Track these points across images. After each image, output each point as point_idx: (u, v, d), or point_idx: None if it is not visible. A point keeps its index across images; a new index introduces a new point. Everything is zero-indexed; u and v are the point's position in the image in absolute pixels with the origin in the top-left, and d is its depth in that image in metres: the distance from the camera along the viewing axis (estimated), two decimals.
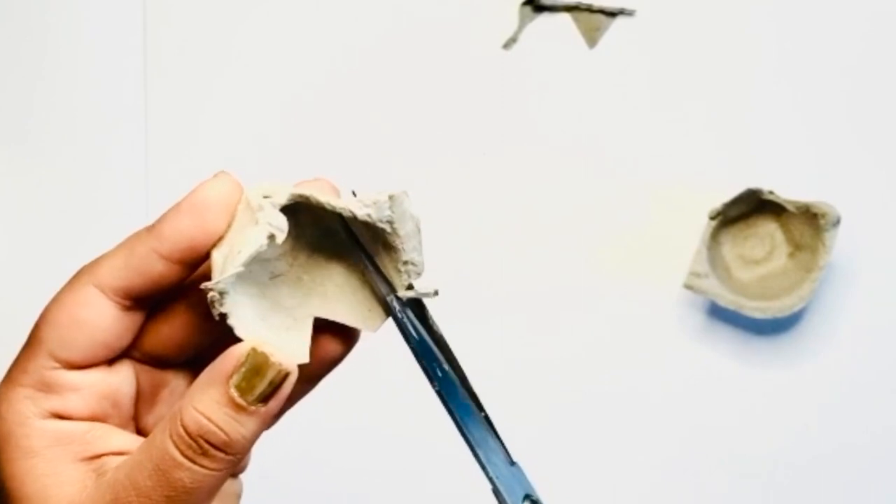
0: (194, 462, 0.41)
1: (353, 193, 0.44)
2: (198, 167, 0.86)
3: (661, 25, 0.85)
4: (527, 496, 0.43)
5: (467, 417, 0.44)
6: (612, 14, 0.85)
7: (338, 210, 0.43)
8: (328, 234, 0.44)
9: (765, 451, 0.83)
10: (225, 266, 0.42)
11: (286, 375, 0.41)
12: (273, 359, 0.41)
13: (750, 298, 0.81)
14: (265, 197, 0.43)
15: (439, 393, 0.44)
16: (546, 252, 0.84)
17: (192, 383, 0.42)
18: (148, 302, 0.44)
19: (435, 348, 0.44)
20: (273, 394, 0.41)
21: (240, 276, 0.42)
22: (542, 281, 0.84)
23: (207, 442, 0.41)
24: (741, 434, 0.83)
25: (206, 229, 0.43)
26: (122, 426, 0.45)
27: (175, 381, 0.46)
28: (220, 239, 0.43)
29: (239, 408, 0.41)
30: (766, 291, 0.81)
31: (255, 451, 0.43)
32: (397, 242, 0.43)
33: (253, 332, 0.42)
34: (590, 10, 0.85)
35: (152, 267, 0.42)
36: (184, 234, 0.42)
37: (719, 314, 0.83)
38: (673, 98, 0.84)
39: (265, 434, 0.42)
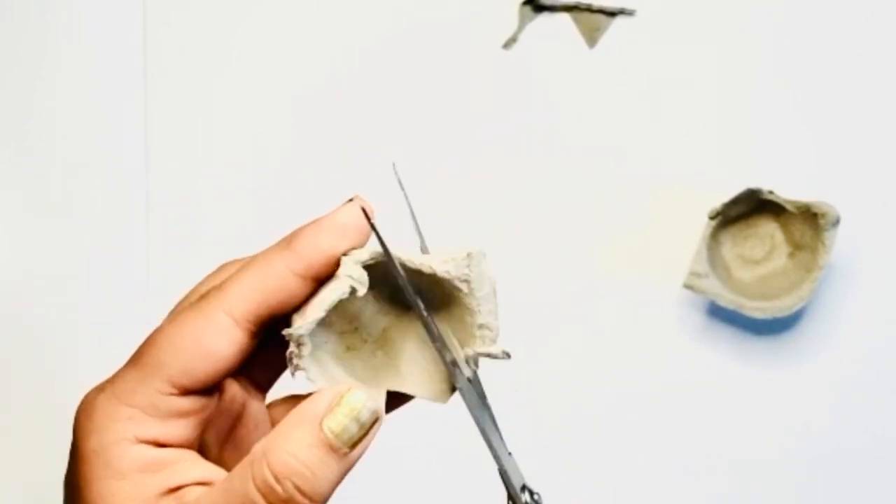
0: None
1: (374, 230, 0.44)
2: (198, 167, 0.86)
3: (661, 25, 0.85)
4: (523, 486, 0.44)
5: (479, 407, 0.44)
6: (611, 14, 0.85)
7: (416, 267, 0.43)
8: (398, 293, 0.44)
9: (765, 450, 0.83)
10: (304, 317, 0.42)
11: (376, 420, 0.41)
12: (369, 401, 0.41)
13: (750, 298, 0.81)
14: (344, 254, 0.43)
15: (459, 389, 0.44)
16: (546, 252, 0.84)
17: (277, 425, 0.41)
18: (268, 327, 0.44)
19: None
20: (362, 439, 0.41)
21: (317, 345, 0.42)
22: (542, 281, 0.84)
23: (294, 486, 0.40)
24: (741, 434, 0.83)
25: (347, 243, 0.43)
26: (209, 448, 0.45)
27: (251, 407, 0.46)
28: (304, 304, 0.43)
29: (331, 449, 0.40)
30: (766, 291, 0.81)
31: None
32: (473, 304, 0.44)
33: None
34: (590, 10, 0.85)
35: (287, 287, 0.42)
36: (323, 251, 0.43)
37: (719, 314, 0.83)
38: (673, 98, 0.84)
39: None
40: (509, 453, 0.44)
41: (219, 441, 0.45)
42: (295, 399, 0.45)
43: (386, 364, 0.45)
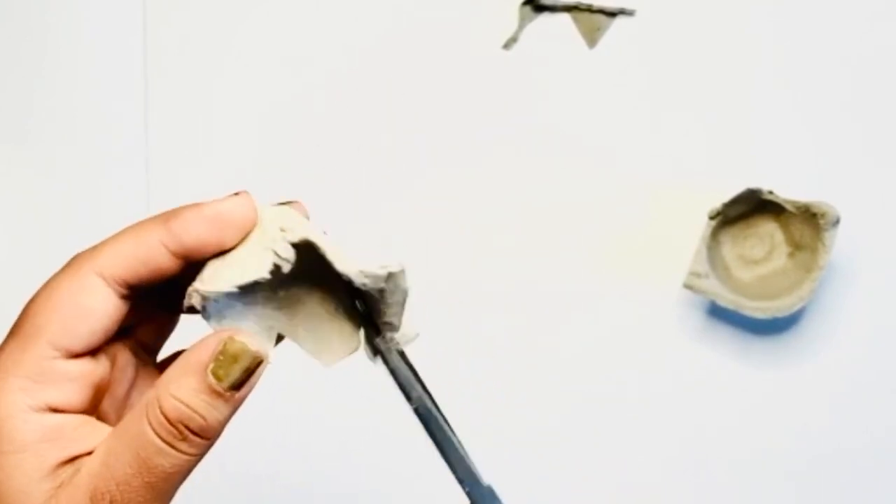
0: (174, 447, 0.42)
1: (325, 232, 0.46)
2: (198, 167, 0.86)
3: (660, 26, 0.85)
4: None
5: (445, 441, 0.45)
6: (612, 14, 0.85)
7: (339, 272, 0.44)
8: (319, 262, 0.45)
9: (764, 450, 0.83)
10: (217, 274, 0.44)
11: (260, 362, 0.43)
12: (249, 346, 0.42)
13: (750, 298, 0.81)
14: (282, 230, 0.45)
15: (419, 414, 0.45)
16: (546, 252, 0.84)
17: (166, 371, 0.43)
18: (139, 292, 0.45)
19: (412, 378, 0.46)
20: (246, 380, 0.43)
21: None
22: (542, 281, 0.84)
23: (187, 428, 0.42)
24: (741, 434, 0.83)
25: (220, 242, 0.44)
26: (102, 416, 0.45)
27: (122, 357, 0.47)
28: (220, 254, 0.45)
29: (216, 394, 0.42)
30: (766, 291, 0.81)
31: (257, 450, 0.43)
32: (382, 307, 0.45)
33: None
34: (590, 10, 0.85)
35: (159, 259, 0.44)
36: (199, 239, 0.44)
37: (719, 314, 0.83)
38: (673, 98, 0.85)
39: (265, 432, 0.43)
40: (484, 484, 0.45)
41: (116, 408, 0.47)
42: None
43: (283, 307, 0.46)
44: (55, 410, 0.43)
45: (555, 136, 0.85)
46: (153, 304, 0.47)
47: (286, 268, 0.44)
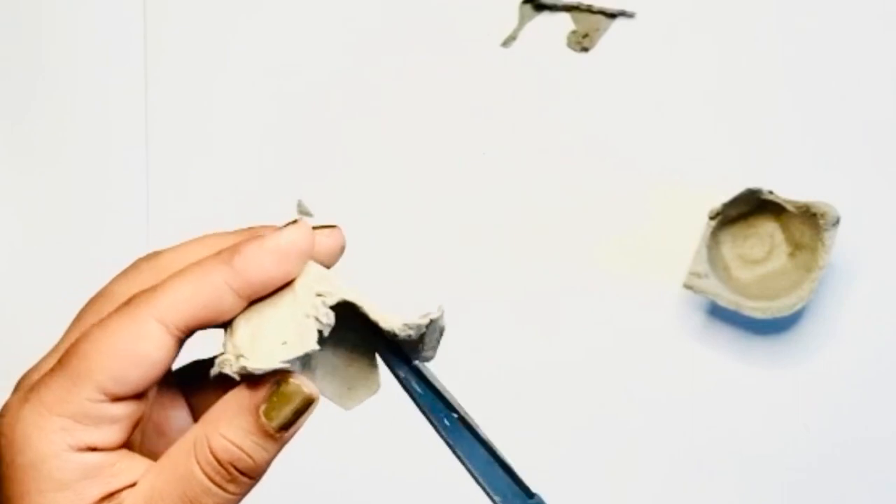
0: (222, 488, 0.42)
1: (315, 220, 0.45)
2: (198, 167, 0.86)
3: (660, 27, 0.85)
4: None
5: (476, 458, 0.45)
6: (612, 15, 0.85)
7: (384, 329, 0.44)
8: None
9: (764, 450, 0.83)
10: (257, 343, 0.42)
11: (311, 402, 0.42)
12: (303, 387, 0.42)
13: (750, 298, 0.80)
14: (318, 295, 0.43)
15: (447, 441, 0.45)
16: (545, 252, 0.84)
17: (213, 409, 0.42)
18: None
19: (439, 400, 0.46)
20: (296, 420, 0.42)
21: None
22: (542, 281, 0.84)
23: (236, 468, 0.42)
24: (741, 434, 0.83)
25: (286, 276, 0.43)
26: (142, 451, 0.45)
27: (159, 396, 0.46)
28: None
29: (267, 435, 0.42)
30: (766, 291, 0.81)
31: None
32: (420, 346, 0.45)
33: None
34: (590, 10, 0.85)
35: (223, 301, 0.42)
36: (266, 275, 0.43)
37: (719, 314, 0.83)
38: (673, 98, 0.84)
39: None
40: (532, 496, 0.45)
41: (141, 428, 0.46)
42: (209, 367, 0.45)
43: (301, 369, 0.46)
44: (95, 450, 0.42)
45: (554, 135, 0.85)
46: None
47: (326, 332, 0.43)
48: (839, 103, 0.84)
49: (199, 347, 0.45)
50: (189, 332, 0.43)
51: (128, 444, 0.44)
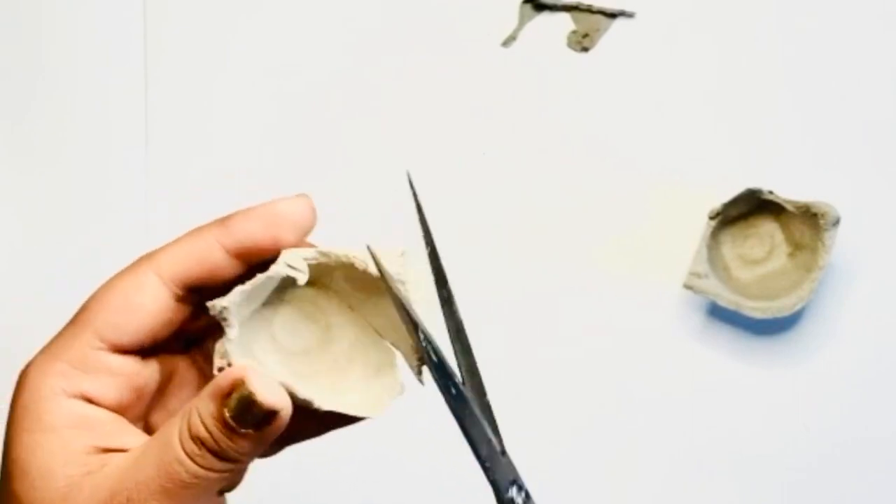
0: (192, 460, 0.42)
1: (368, 247, 0.46)
2: (198, 168, 0.86)
3: (660, 27, 0.85)
4: (513, 481, 0.44)
5: (462, 401, 0.45)
6: (612, 15, 0.85)
7: (364, 268, 0.45)
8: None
9: (764, 450, 0.83)
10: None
11: (274, 413, 0.42)
12: (259, 398, 0.41)
13: (750, 298, 0.80)
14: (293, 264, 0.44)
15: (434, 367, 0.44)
16: (545, 252, 0.84)
17: (205, 385, 0.43)
18: (196, 296, 0.45)
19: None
20: (263, 426, 0.42)
21: (255, 327, 0.44)
22: (542, 281, 0.84)
23: (204, 445, 0.42)
24: (741, 434, 0.83)
25: (275, 239, 0.44)
26: (136, 420, 0.45)
27: (183, 370, 0.47)
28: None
29: (230, 429, 0.42)
30: (766, 291, 0.81)
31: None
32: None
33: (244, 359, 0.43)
34: (590, 10, 0.85)
35: (213, 256, 0.44)
36: (252, 234, 0.44)
37: (719, 314, 0.83)
38: (672, 98, 0.84)
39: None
40: (504, 453, 0.45)
41: (145, 405, 0.46)
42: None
43: (328, 370, 0.46)
44: (89, 401, 0.43)
45: (554, 135, 0.85)
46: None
47: (300, 279, 0.44)
48: (839, 103, 0.84)
49: None
50: (186, 289, 0.44)
51: (146, 426, 0.45)
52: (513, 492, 0.44)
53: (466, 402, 0.45)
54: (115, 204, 0.86)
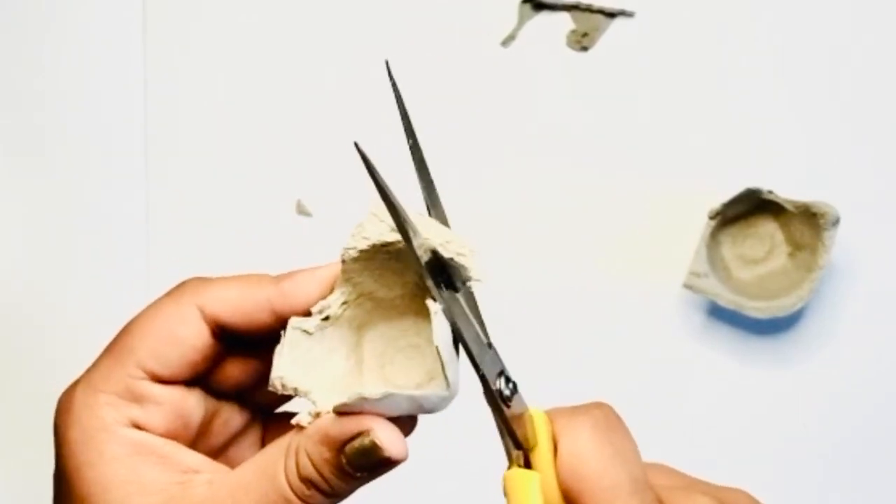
0: (301, 498, 0.42)
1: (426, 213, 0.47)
2: (198, 167, 0.86)
3: (660, 26, 0.85)
4: (500, 372, 0.47)
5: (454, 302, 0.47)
6: (611, 15, 0.85)
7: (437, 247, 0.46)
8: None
9: (764, 450, 0.83)
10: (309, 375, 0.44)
11: (396, 462, 0.42)
12: (386, 453, 0.42)
13: (750, 298, 0.80)
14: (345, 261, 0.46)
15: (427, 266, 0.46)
16: (545, 252, 0.84)
17: (318, 420, 0.43)
18: (232, 338, 0.45)
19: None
20: (380, 471, 0.43)
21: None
22: (542, 281, 0.84)
23: (314, 487, 0.42)
24: (741, 434, 0.83)
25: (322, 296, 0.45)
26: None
27: (228, 412, 0.47)
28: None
29: (345, 473, 0.42)
30: (766, 291, 0.81)
31: None
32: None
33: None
34: (589, 10, 0.85)
35: (261, 316, 0.44)
36: (310, 299, 0.44)
37: (719, 314, 0.83)
38: (672, 98, 0.84)
39: None
40: (490, 346, 0.47)
41: (193, 434, 0.46)
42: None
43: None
44: (139, 428, 0.43)
45: (552, 135, 0.85)
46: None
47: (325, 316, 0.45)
48: (839, 104, 0.84)
49: None
50: (222, 329, 0.44)
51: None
52: (500, 383, 0.47)
53: (458, 302, 0.47)
54: (115, 204, 0.86)
